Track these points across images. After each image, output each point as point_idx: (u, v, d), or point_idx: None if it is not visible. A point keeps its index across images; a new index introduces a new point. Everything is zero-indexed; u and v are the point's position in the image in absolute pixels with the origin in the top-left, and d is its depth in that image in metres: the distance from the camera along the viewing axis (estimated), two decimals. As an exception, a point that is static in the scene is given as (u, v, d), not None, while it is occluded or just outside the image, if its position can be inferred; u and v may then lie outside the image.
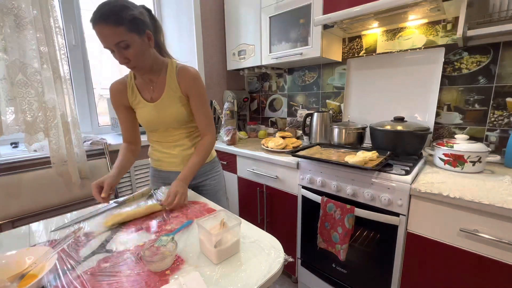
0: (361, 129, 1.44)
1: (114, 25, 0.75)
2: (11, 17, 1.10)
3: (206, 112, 1.00)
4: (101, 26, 0.75)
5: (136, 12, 0.80)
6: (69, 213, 0.86)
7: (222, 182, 1.20)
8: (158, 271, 0.56)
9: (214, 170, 1.15)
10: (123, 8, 0.77)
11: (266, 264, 0.58)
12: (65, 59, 1.26)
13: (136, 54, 0.82)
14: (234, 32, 1.99)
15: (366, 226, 1.13)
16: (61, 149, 1.27)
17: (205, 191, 1.12)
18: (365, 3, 1.17)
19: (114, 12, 0.75)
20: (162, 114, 0.97)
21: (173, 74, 0.95)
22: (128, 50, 0.80)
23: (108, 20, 0.74)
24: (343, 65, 1.71)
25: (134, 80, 0.99)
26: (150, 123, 1.00)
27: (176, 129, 1.02)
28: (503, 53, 1.17)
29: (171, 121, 0.98)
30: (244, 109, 2.33)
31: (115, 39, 0.77)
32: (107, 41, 0.78)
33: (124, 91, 0.99)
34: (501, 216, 0.79)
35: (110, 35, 0.76)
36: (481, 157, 1.04)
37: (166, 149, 1.06)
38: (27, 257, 0.57)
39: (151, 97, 0.97)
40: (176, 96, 0.96)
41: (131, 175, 1.65)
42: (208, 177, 1.13)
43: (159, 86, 0.96)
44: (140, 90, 0.99)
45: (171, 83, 0.95)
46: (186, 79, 0.95)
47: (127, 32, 0.77)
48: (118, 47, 0.79)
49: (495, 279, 0.83)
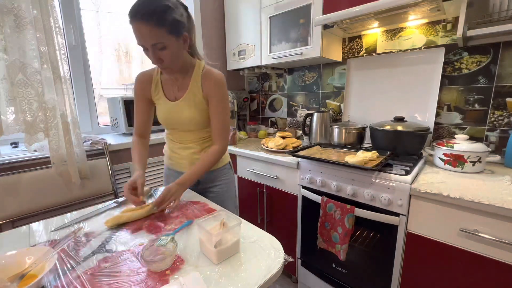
0: (361, 129, 1.44)
1: (155, 25, 0.73)
2: (11, 17, 1.10)
3: (223, 120, 0.96)
4: (141, 24, 0.72)
5: (178, 13, 0.78)
6: (69, 213, 0.86)
7: (232, 190, 1.14)
8: (158, 271, 0.56)
9: (223, 177, 1.10)
10: (166, 8, 0.74)
11: (266, 264, 0.58)
12: (65, 59, 1.26)
13: (171, 56, 0.80)
14: (234, 32, 1.99)
15: (366, 226, 1.13)
16: (61, 149, 1.27)
17: (212, 198, 1.07)
18: (365, 3, 1.16)
19: (158, 12, 0.72)
20: (178, 115, 0.95)
21: (198, 76, 0.93)
22: (163, 51, 0.78)
23: (150, 19, 0.72)
24: (343, 65, 1.71)
25: (160, 75, 0.98)
26: (167, 121, 1.00)
27: (192, 132, 1.00)
28: (503, 53, 1.17)
29: (187, 123, 0.97)
30: (244, 109, 2.33)
31: (153, 40, 0.75)
32: (144, 39, 0.75)
33: (149, 84, 0.98)
34: (501, 216, 0.79)
35: (148, 35, 0.74)
36: (481, 157, 1.04)
37: (177, 149, 1.05)
38: (27, 257, 0.58)
39: (174, 96, 0.96)
40: (196, 99, 0.94)
41: (131, 175, 1.65)
42: (217, 184, 1.09)
43: (183, 86, 0.95)
44: (164, 87, 0.98)
45: (194, 86, 0.93)
46: (209, 83, 0.92)
47: (167, 34, 0.76)
48: (154, 47, 0.77)
49: (495, 279, 0.83)
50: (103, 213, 0.86)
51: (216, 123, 0.96)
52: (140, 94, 0.99)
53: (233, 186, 1.15)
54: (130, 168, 1.63)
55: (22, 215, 1.19)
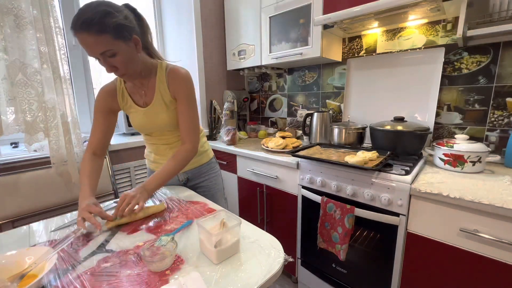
0: (361, 129, 1.44)
1: (97, 33, 0.69)
2: (11, 17, 1.10)
3: (191, 118, 0.92)
4: (83, 34, 0.69)
5: (121, 17, 0.74)
6: (69, 213, 0.86)
7: (220, 183, 1.20)
8: (158, 271, 0.56)
9: (212, 171, 1.15)
10: (106, 14, 0.70)
11: (266, 264, 0.58)
12: (65, 59, 1.26)
13: (124, 61, 0.77)
14: (234, 32, 1.99)
15: (366, 226, 1.13)
16: (61, 149, 1.27)
17: (203, 192, 1.11)
18: (365, 3, 1.16)
19: (97, 19, 0.68)
20: (153, 119, 0.94)
21: (163, 77, 0.91)
22: (114, 58, 0.75)
23: (90, 28, 0.68)
24: (343, 65, 1.71)
25: (124, 84, 0.95)
26: (143, 128, 0.98)
27: (171, 132, 1.00)
28: (503, 53, 1.17)
29: (164, 126, 0.96)
30: (244, 109, 2.33)
31: (100, 48, 0.72)
32: (91, 50, 0.72)
33: (113, 96, 0.94)
34: (501, 216, 0.79)
35: (94, 44, 0.70)
36: (481, 157, 1.04)
37: (162, 151, 1.04)
38: (27, 257, 0.57)
39: (143, 102, 0.94)
40: (166, 101, 0.92)
41: (131, 175, 1.65)
42: (206, 178, 1.13)
43: (150, 90, 0.92)
44: (131, 95, 0.95)
45: (160, 87, 0.91)
46: (174, 81, 0.90)
47: (113, 40, 0.72)
48: (104, 56, 0.74)
49: (495, 279, 0.83)
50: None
51: (184, 121, 0.92)
52: (103, 107, 0.93)
53: (220, 179, 1.21)
54: (130, 168, 1.63)
55: (22, 215, 1.19)
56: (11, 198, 1.16)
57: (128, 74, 0.82)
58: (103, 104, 0.94)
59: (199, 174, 1.11)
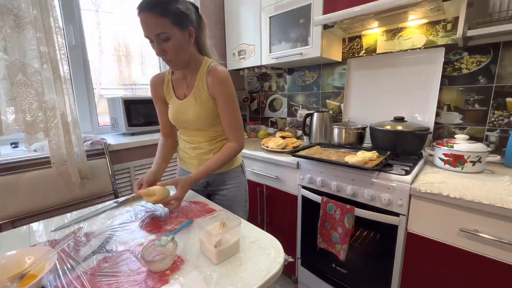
0: (361, 129, 1.44)
1: (158, 15, 0.75)
2: (11, 17, 1.10)
3: (232, 118, 0.94)
4: (146, 15, 0.76)
5: (183, 6, 0.81)
6: (69, 213, 0.86)
7: (242, 195, 1.07)
8: (158, 271, 0.56)
9: (233, 180, 1.04)
10: (171, 0, 0.77)
11: (266, 264, 0.58)
12: (65, 59, 1.26)
13: (175, 48, 0.81)
14: (234, 32, 1.99)
15: (366, 226, 1.13)
16: (61, 149, 1.27)
17: (220, 201, 1.03)
18: (365, 3, 1.16)
19: (162, 3, 0.75)
20: (184, 113, 0.95)
21: (204, 74, 0.92)
22: (167, 43, 0.80)
23: (154, 9, 0.75)
24: (343, 65, 1.71)
25: (171, 75, 1.00)
26: (175, 120, 0.99)
27: (200, 130, 0.98)
28: (503, 53, 1.17)
29: (193, 121, 0.95)
30: (244, 109, 2.33)
31: (156, 30, 0.77)
32: (148, 30, 0.78)
33: (161, 85, 1.00)
34: (501, 216, 0.79)
35: (152, 25, 0.76)
36: (481, 157, 1.04)
37: (187, 149, 1.03)
38: (27, 257, 0.57)
39: (184, 94, 0.96)
40: (202, 97, 0.92)
41: (131, 175, 1.65)
42: (226, 187, 1.03)
43: (191, 84, 0.94)
44: (174, 86, 0.99)
45: (199, 83, 0.92)
46: (212, 81, 0.90)
47: (170, 24, 0.78)
48: (158, 38, 0.79)
49: (495, 279, 0.83)
50: (103, 213, 0.86)
51: (226, 120, 0.94)
52: (155, 95, 1.03)
53: (244, 191, 1.08)
54: (130, 168, 1.63)
55: (22, 215, 1.19)
56: (11, 198, 1.16)
57: (174, 61, 0.86)
58: (155, 91, 1.03)
59: (219, 181, 1.03)
